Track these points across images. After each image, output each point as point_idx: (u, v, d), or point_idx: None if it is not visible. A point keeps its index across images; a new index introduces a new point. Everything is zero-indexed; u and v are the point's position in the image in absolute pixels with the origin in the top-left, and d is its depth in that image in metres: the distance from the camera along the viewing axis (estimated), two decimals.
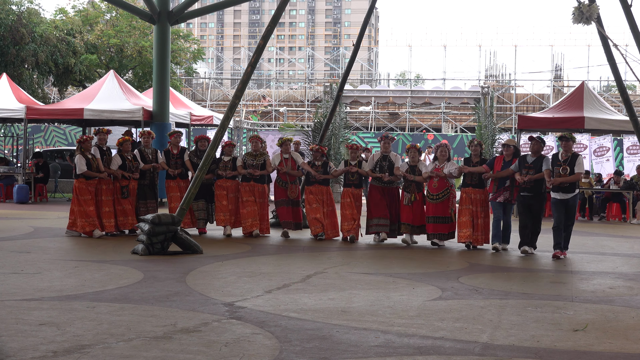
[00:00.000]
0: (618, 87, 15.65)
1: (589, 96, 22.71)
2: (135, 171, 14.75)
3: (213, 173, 14.97)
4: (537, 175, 12.75)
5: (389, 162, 14.36)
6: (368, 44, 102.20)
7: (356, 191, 14.60)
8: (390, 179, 14.26)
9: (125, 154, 14.76)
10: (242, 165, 14.89)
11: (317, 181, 14.68)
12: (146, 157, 15.05)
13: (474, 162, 13.68)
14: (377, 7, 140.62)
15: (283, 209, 14.95)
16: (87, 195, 14.21)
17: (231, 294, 8.70)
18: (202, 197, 14.91)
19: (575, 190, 12.56)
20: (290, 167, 14.87)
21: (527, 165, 12.91)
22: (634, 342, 6.81)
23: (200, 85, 56.83)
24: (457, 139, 35.78)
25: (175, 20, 20.79)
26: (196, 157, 15.06)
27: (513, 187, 13.28)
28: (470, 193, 13.58)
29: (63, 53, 34.43)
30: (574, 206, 12.72)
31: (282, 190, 14.94)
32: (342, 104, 24.34)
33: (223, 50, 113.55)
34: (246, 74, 13.57)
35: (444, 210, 13.76)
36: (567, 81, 53.05)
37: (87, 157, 14.22)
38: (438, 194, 13.80)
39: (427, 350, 6.34)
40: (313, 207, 14.61)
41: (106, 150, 14.75)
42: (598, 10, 12.47)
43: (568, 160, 12.51)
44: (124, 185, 14.64)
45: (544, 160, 12.83)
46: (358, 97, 29.80)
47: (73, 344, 6.25)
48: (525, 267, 11.77)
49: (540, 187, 12.85)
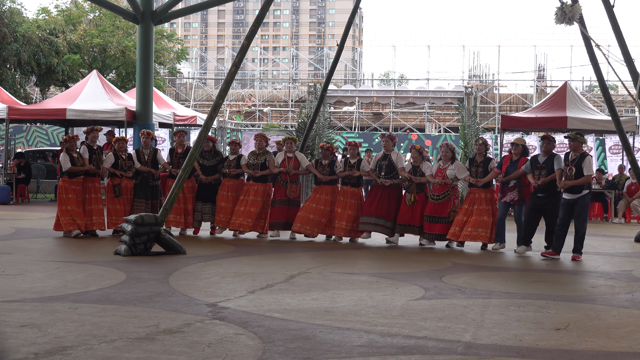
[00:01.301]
0: (600, 87, 15.72)
1: (572, 96, 22.82)
2: (129, 170, 14.71)
3: (221, 173, 15.00)
4: (550, 177, 12.66)
5: (388, 162, 14.29)
6: (352, 44, 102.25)
7: (356, 190, 14.57)
8: (393, 182, 14.22)
9: (120, 152, 14.72)
10: (246, 164, 14.87)
11: (323, 181, 14.63)
12: (142, 158, 15.01)
13: (478, 161, 13.63)
14: (361, 7, 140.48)
15: (277, 208, 14.79)
16: (70, 193, 14.16)
17: (214, 295, 8.68)
18: (210, 199, 14.97)
19: (582, 191, 12.47)
20: (293, 166, 14.80)
21: (539, 166, 12.83)
22: (615, 341, 6.84)
23: (184, 85, 56.72)
24: (440, 139, 35.86)
25: (158, 20, 20.72)
26: (202, 157, 15.08)
27: (522, 187, 13.24)
28: (475, 193, 13.54)
29: (46, 53, 34.31)
30: (582, 206, 12.53)
31: (282, 189, 14.82)
32: (326, 104, 24.31)
33: (207, 50, 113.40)
34: (230, 74, 13.55)
35: (442, 211, 13.71)
36: (550, 81, 53.29)
37: (71, 155, 14.18)
38: (439, 195, 13.76)
39: (410, 350, 6.34)
40: (310, 205, 14.57)
41: (96, 150, 14.68)
42: (580, 11, 12.52)
43: (576, 161, 12.46)
44: (116, 183, 14.60)
45: (555, 159, 12.74)
46: (342, 97, 29.79)
47: (55, 345, 6.21)
48: (508, 267, 11.80)
49: (555, 187, 12.72)
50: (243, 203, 14.67)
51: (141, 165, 14.85)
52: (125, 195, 14.71)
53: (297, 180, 14.97)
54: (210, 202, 14.98)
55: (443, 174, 13.72)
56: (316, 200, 14.57)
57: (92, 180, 14.51)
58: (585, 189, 12.48)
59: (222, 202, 14.87)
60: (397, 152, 14.58)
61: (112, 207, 14.64)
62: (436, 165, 14.06)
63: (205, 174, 14.98)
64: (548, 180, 12.64)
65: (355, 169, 14.47)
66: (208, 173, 15.01)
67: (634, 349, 6.58)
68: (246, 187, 14.86)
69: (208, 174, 15.00)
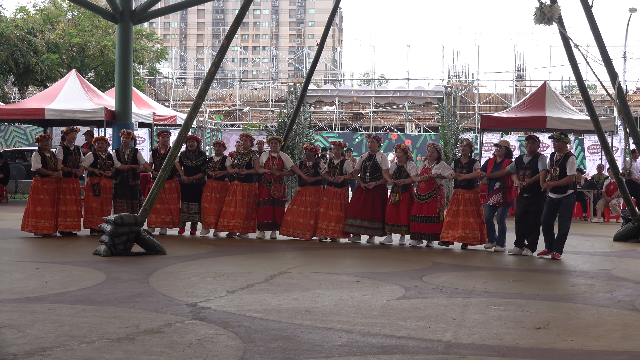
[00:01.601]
0: (579, 87, 15.83)
1: (551, 96, 22.93)
2: (108, 170, 14.66)
3: (204, 173, 14.98)
4: (534, 177, 12.71)
5: (373, 162, 14.29)
6: (332, 44, 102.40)
7: (340, 190, 14.58)
8: (377, 184, 14.22)
9: (99, 152, 14.68)
10: (231, 165, 14.82)
11: (307, 182, 14.62)
12: (122, 157, 14.97)
13: (463, 162, 13.69)
14: (341, 7, 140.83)
15: (263, 209, 14.74)
16: (42, 194, 14.10)
17: (195, 295, 8.66)
18: (196, 199, 14.98)
19: (567, 191, 12.52)
20: (277, 166, 14.76)
21: (524, 166, 12.89)
22: (594, 339, 6.88)
23: (164, 85, 56.59)
24: (420, 139, 35.95)
25: (138, 20, 20.63)
26: (186, 157, 15.06)
27: (505, 189, 13.29)
28: (459, 194, 13.59)
29: (24, 52, 34.09)
30: (567, 206, 12.59)
31: (266, 188, 14.78)
32: (306, 104, 24.32)
33: (186, 50, 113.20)
34: (210, 74, 13.51)
35: (429, 210, 13.71)
36: (529, 81, 53.57)
37: (44, 155, 14.13)
38: (425, 194, 13.78)
39: (391, 350, 6.35)
40: (297, 209, 14.54)
41: (74, 150, 14.62)
42: (559, 11, 12.56)
43: (560, 161, 12.51)
44: (95, 182, 14.55)
45: (540, 160, 12.81)
46: (322, 97, 29.79)
47: (34, 346, 6.18)
48: (489, 266, 11.84)
49: (540, 187, 12.78)
50: (232, 204, 14.63)
51: (121, 164, 14.83)
52: (104, 195, 14.66)
53: (281, 180, 14.92)
54: (195, 202, 14.99)
55: (428, 173, 13.77)
56: (303, 204, 14.56)
57: (68, 180, 14.46)
58: (570, 188, 12.55)
59: (206, 204, 14.85)
60: (382, 153, 14.61)
61: (90, 205, 14.61)
62: (421, 164, 14.12)
63: (188, 174, 14.95)
64: (533, 181, 12.72)
65: (338, 169, 14.50)
66: (191, 173, 14.98)
67: (613, 347, 6.61)
68: (232, 187, 14.82)
69: (191, 174, 14.97)
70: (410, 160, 14.28)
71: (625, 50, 45.81)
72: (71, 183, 14.51)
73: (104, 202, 14.69)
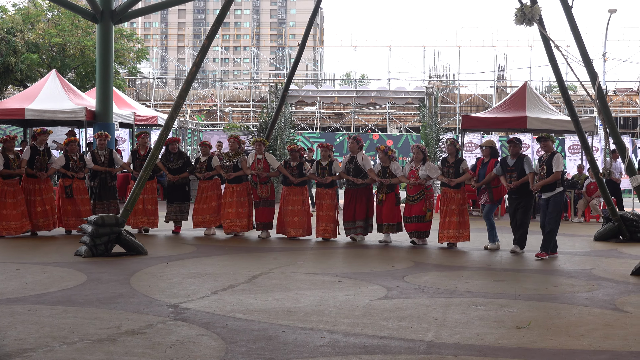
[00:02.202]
0: (559, 88, 15.88)
1: (532, 96, 22.99)
2: (80, 171, 14.62)
3: (190, 172, 15.03)
4: (521, 180, 12.86)
5: (355, 164, 14.39)
6: (313, 44, 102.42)
7: (330, 191, 14.65)
8: (364, 182, 14.34)
9: (71, 154, 14.65)
10: (220, 165, 14.88)
11: (294, 183, 14.68)
12: (97, 159, 14.94)
13: (450, 162, 13.78)
14: (322, 8, 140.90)
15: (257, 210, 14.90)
16: (6, 196, 14.05)
17: (176, 295, 8.64)
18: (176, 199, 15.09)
19: (555, 189, 12.60)
20: (262, 167, 14.78)
21: (509, 169, 13.06)
22: (575, 339, 6.91)
23: (145, 85, 56.36)
24: (402, 139, 35.98)
25: (118, 20, 20.52)
26: (167, 160, 15.12)
27: (491, 189, 13.57)
28: (447, 193, 13.75)
29: (3, 52, 33.86)
30: (555, 204, 12.63)
31: (253, 190, 14.89)
32: (287, 104, 24.32)
33: (167, 50, 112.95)
34: (191, 74, 13.48)
35: (417, 210, 13.90)
36: (510, 81, 53.76)
37: (7, 156, 14.09)
38: (414, 196, 14.00)
39: (373, 350, 6.36)
40: (289, 209, 14.65)
41: (43, 151, 14.59)
42: (540, 12, 12.62)
43: (546, 160, 12.64)
44: (67, 184, 14.53)
45: (525, 162, 12.94)
46: (303, 97, 29.75)
47: (14, 348, 6.14)
48: (470, 266, 11.87)
49: (527, 187, 12.90)
50: (232, 205, 14.73)
51: (95, 165, 14.82)
52: (78, 196, 14.66)
53: (268, 181, 14.95)
54: (180, 201, 15.09)
55: (416, 175, 13.92)
56: (291, 203, 14.66)
57: (35, 181, 14.45)
58: (559, 186, 12.64)
59: (197, 205, 15.02)
60: (363, 154, 14.65)
61: (64, 208, 14.63)
62: (408, 166, 14.27)
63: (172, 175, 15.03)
64: (520, 183, 12.87)
65: (327, 170, 14.59)
66: (174, 174, 15.04)
67: (594, 346, 6.65)
68: (225, 189, 14.92)
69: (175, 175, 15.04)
70: (394, 160, 14.36)
71: (605, 50, 46.10)
72: (39, 183, 14.53)
73: (77, 204, 14.64)
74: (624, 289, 9.85)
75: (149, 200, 14.96)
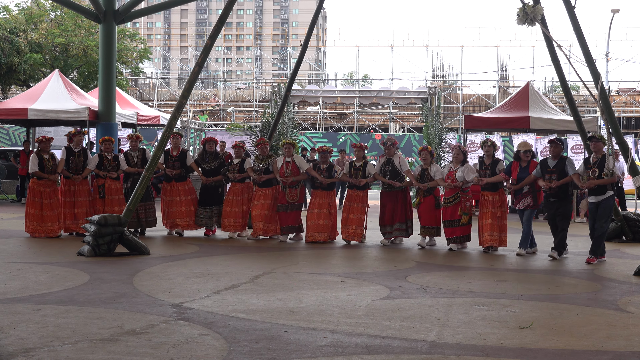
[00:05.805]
0: (562, 88, 15.89)
1: (534, 96, 23.00)
2: (112, 171, 14.59)
3: (224, 176, 14.93)
4: (562, 181, 12.55)
5: (392, 167, 14.16)
6: (316, 44, 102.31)
7: (362, 193, 14.43)
8: (402, 185, 14.12)
9: (105, 153, 14.62)
10: (251, 168, 14.67)
11: (323, 186, 14.48)
12: (130, 160, 14.84)
13: (486, 163, 13.46)
14: (324, 7, 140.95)
15: (281, 214, 14.58)
16: (37, 197, 14.04)
17: (179, 295, 8.64)
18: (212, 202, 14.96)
19: (606, 192, 12.29)
20: (291, 170, 14.46)
21: (550, 170, 12.69)
22: (578, 339, 6.91)
23: (147, 85, 56.39)
24: (404, 139, 35.98)
25: (121, 20, 20.55)
26: (202, 160, 15.02)
27: (535, 192, 13.06)
28: (485, 195, 13.46)
29: (6, 52, 33.87)
30: (605, 208, 12.34)
31: (282, 193, 14.55)
32: (290, 104, 24.29)
33: (170, 50, 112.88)
34: (193, 74, 13.49)
35: (453, 214, 13.58)
36: (513, 81, 53.69)
37: (42, 157, 14.06)
38: (449, 198, 13.68)
39: (376, 350, 6.36)
40: (314, 211, 14.42)
41: (78, 152, 14.52)
42: (542, 12, 12.59)
43: (598, 162, 12.30)
44: (100, 184, 14.48)
45: (567, 163, 12.65)
46: (306, 97, 29.78)
47: (17, 347, 6.15)
48: (473, 266, 11.87)
49: (567, 191, 12.68)
50: (257, 207, 14.52)
51: (128, 167, 14.73)
52: (109, 196, 14.56)
53: (298, 185, 14.61)
54: (212, 205, 14.93)
55: (453, 177, 13.62)
56: (318, 206, 14.42)
57: (71, 183, 14.39)
58: (610, 189, 12.35)
59: (227, 207, 14.79)
60: (400, 155, 14.44)
61: (94, 208, 14.52)
62: (447, 167, 14.00)
63: (207, 176, 14.90)
64: (561, 184, 12.53)
65: (361, 171, 14.34)
66: (210, 176, 14.92)
67: (597, 347, 6.65)
68: (255, 192, 14.72)
69: (210, 176, 14.91)
70: (434, 162, 14.17)
71: (608, 50, 46.03)
72: (72, 185, 14.45)
73: (110, 204, 14.55)
74: (627, 289, 9.85)
75: (186, 202, 14.86)
